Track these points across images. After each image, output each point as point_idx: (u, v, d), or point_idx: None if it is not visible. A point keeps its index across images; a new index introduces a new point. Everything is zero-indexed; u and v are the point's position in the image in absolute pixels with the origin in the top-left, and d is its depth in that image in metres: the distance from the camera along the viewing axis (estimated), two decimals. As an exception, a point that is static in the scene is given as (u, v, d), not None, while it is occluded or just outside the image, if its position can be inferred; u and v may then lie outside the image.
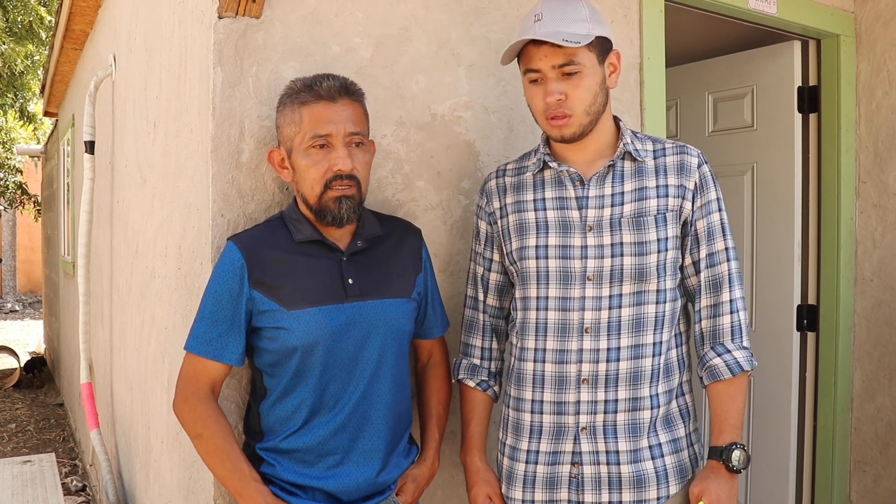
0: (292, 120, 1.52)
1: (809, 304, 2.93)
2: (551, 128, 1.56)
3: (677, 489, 1.57)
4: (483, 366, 1.74)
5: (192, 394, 1.52)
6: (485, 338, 1.74)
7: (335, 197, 1.51)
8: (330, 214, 1.52)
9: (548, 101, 1.53)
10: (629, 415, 1.54)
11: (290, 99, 1.54)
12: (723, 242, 1.59)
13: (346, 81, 1.55)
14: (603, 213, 1.57)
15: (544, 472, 1.59)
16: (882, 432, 2.81)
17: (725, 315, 1.58)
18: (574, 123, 1.54)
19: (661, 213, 1.56)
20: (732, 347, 1.57)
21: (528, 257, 1.60)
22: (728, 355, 1.56)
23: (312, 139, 1.50)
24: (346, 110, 1.52)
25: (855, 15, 2.86)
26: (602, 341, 1.54)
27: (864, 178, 2.86)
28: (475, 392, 1.73)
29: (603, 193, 1.58)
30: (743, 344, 1.58)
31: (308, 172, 1.51)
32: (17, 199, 10.55)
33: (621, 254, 1.54)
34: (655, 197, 1.56)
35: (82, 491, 4.32)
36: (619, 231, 1.55)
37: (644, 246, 1.54)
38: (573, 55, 1.51)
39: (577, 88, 1.52)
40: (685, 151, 1.60)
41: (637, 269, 1.54)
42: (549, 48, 1.51)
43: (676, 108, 3.36)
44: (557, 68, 1.52)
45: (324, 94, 1.51)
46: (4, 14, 9.02)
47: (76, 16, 3.97)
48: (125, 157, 2.99)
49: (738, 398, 1.56)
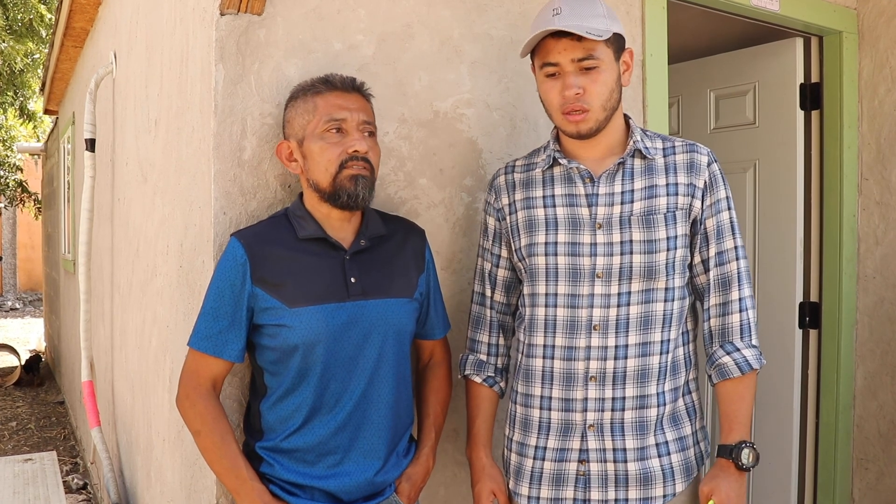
0: (305, 110, 1.55)
1: (812, 301, 2.92)
2: (567, 123, 1.55)
3: (683, 487, 1.57)
4: (490, 362, 1.73)
5: (193, 390, 1.53)
6: (491, 334, 1.73)
7: (351, 175, 1.52)
8: (346, 193, 1.52)
9: (566, 95, 1.52)
10: (636, 412, 1.54)
11: (302, 93, 1.57)
12: (732, 241, 1.58)
13: (356, 80, 1.59)
14: (613, 211, 1.56)
15: (551, 468, 1.59)
16: (885, 429, 2.81)
17: (735, 313, 1.57)
18: (591, 119, 1.53)
19: (670, 212, 1.55)
20: (741, 346, 1.57)
21: (538, 254, 1.60)
22: (737, 354, 1.56)
23: (328, 122, 1.52)
24: (360, 101, 1.57)
25: (857, 11, 2.86)
26: (610, 339, 1.54)
27: (867, 175, 2.85)
28: (481, 388, 1.72)
29: (613, 191, 1.57)
30: (752, 342, 1.57)
31: (323, 155, 1.52)
32: (18, 197, 10.54)
33: (630, 251, 1.53)
34: (665, 195, 1.56)
35: (83, 489, 4.32)
36: (629, 229, 1.54)
37: (653, 244, 1.53)
38: (592, 49, 1.50)
39: (596, 83, 1.51)
40: (695, 150, 1.60)
41: (646, 266, 1.53)
42: (569, 42, 1.50)
43: (678, 105, 3.35)
44: (577, 62, 1.51)
45: (338, 84, 1.56)
46: (4, 12, 9.00)
47: (76, 13, 3.97)
48: (126, 154, 2.99)
49: (747, 397, 1.56)
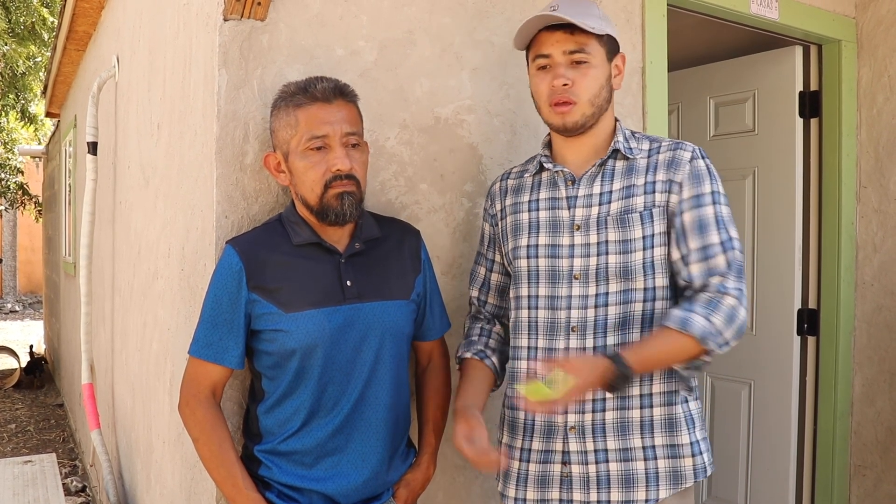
0: (288, 123, 1.52)
1: (810, 308, 2.93)
2: (554, 115, 1.55)
3: (667, 495, 1.54)
4: (480, 342, 1.72)
5: (193, 397, 1.53)
6: (483, 325, 1.75)
7: (336, 193, 1.50)
8: (332, 212, 1.51)
9: (554, 85, 1.53)
10: (617, 413, 1.54)
11: (284, 102, 1.53)
12: (717, 235, 1.48)
13: (339, 83, 1.54)
14: (591, 212, 1.57)
15: (536, 470, 1.60)
16: (882, 436, 2.82)
17: (726, 296, 1.45)
18: (577, 112, 1.54)
19: (647, 210, 1.54)
20: (704, 311, 1.42)
21: (521, 256, 1.63)
22: (692, 313, 1.42)
23: (309, 141, 1.49)
24: (342, 112, 1.52)
25: (856, 20, 2.87)
26: (588, 340, 1.54)
27: (865, 183, 2.86)
28: (471, 360, 1.70)
29: (591, 192, 1.58)
30: (720, 328, 1.42)
31: (307, 175, 1.51)
32: (18, 200, 10.55)
33: (606, 252, 1.54)
34: (643, 194, 1.55)
35: (82, 491, 4.32)
36: (605, 229, 1.55)
37: (628, 244, 1.53)
38: (585, 44, 1.52)
39: (585, 77, 1.53)
40: (680, 147, 1.57)
41: (622, 267, 1.53)
42: (562, 34, 1.52)
43: (678, 112, 3.37)
44: (568, 54, 1.53)
45: (319, 95, 1.50)
46: (7, 15, 9.02)
47: (79, 17, 3.98)
48: (128, 158, 3.00)
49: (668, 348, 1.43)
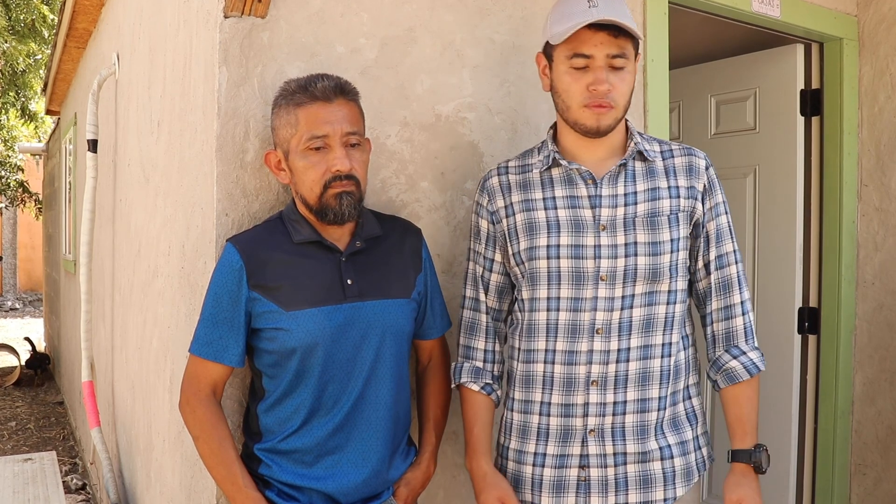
0: (288, 122, 1.51)
1: (811, 306, 2.93)
2: (589, 115, 1.51)
3: (683, 492, 1.56)
4: (486, 369, 1.68)
5: (193, 395, 1.53)
6: (487, 340, 1.68)
7: (335, 193, 1.49)
8: (331, 212, 1.50)
9: (598, 90, 1.49)
10: (637, 416, 1.53)
11: (284, 100, 1.52)
12: (731, 245, 1.61)
13: (340, 81, 1.53)
14: (616, 213, 1.55)
15: (551, 475, 1.56)
16: (882, 435, 2.82)
17: (738, 317, 1.59)
18: (611, 116, 1.52)
19: (673, 214, 1.55)
20: (746, 349, 1.59)
21: (539, 257, 1.56)
22: (744, 357, 1.58)
23: (309, 141, 1.49)
24: (342, 110, 1.51)
25: (858, 18, 2.87)
26: (613, 342, 1.52)
27: (867, 182, 2.86)
28: (479, 396, 1.66)
29: (616, 192, 1.56)
30: (755, 345, 1.60)
31: (307, 174, 1.50)
32: (19, 197, 10.54)
33: (635, 253, 1.52)
34: (668, 197, 1.56)
35: (82, 489, 4.32)
36: (633, 230, 1.53)
37: (658, 246, 1.53)
38: (625, 48, 1.50)
39: (624, 82, 1.51)
40: (692, 153, 1.61)
41: (651, 269, 1.53)
42: (606, 36, 1.47)
43: (679, 110, 3.36)
44: (610, 58, 1.49)
45: (319, 94, 1.49)
46: (7, 12, 9.01)
47: (79, 14, 3.97)
48: (128, 155, 2.99)
49: (755, 399, 1.59)
